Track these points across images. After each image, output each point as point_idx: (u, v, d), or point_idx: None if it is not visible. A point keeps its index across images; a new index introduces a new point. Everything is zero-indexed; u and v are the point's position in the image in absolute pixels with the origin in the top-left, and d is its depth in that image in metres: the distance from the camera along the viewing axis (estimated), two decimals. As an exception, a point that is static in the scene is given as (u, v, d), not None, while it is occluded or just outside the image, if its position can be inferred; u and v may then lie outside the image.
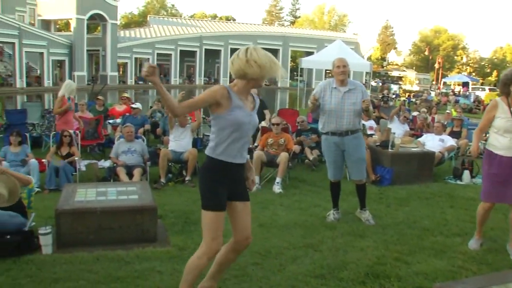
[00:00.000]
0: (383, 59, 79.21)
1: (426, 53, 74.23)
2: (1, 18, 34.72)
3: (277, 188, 7.70)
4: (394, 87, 45.86)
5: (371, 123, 11.64)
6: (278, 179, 7.82)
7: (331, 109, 5.61)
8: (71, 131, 8.91)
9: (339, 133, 5.65)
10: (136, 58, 48.92)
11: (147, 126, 11.47)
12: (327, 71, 54.00)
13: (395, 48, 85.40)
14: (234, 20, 76.31)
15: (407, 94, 40.52)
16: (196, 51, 51.31)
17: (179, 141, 8.56)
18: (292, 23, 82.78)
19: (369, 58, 57.24)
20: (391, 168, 8.25)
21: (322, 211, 6.31)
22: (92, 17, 43.21)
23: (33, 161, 8.11)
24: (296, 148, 8.99)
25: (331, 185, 6.02)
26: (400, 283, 4.02)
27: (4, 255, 4.49)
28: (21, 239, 4.76)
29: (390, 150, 8.45)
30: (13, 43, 35.41)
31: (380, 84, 49.95)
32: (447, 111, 15.63)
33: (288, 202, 7.04)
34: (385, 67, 75.17)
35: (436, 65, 64.18)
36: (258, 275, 4.13)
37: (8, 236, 4.65)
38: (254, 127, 3.35)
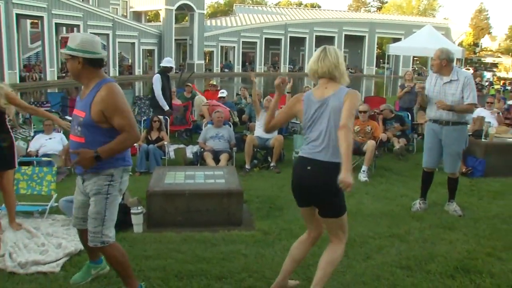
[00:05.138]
0: (476, 44, 75.14)
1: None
2: (97, 11, 36.74)
3: (363, 177, 7.58)
4: (488, 75, 43.35)
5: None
6: (364, 168, 7.69)
7: (432, 97, 5.63)
8: (161, 117, 9.24)
9: (439, 122, 5.59)
10: (222, 47, 49.83)
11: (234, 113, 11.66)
12: (415, 58, 52.43)
13: (489, 33, 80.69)
14: (319, 7, 75.56)
15: (502, 81, 38.20)
16: (281, 39, 51.30)
17: (265, 127, 8.57)
18: (379, 8, 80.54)
19: (460, 44, 54.29)
20: (484, 159, 7.82)
21: (410, 202, 6.13)
22: (180, 7, 44.51)
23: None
24: (383, 136, 8.79)
25: (423, 173, 5.92)
26: (492, 279, 3.82)
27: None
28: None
29: (483, 140, 8.02)
30: (107, 34, 37.29)
31: (472, 71, 47.44)
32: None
33: (374, 191, 6.90)
34: (477, 54, 71.29)
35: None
36: (342, 263, 4.07)
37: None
38: None
